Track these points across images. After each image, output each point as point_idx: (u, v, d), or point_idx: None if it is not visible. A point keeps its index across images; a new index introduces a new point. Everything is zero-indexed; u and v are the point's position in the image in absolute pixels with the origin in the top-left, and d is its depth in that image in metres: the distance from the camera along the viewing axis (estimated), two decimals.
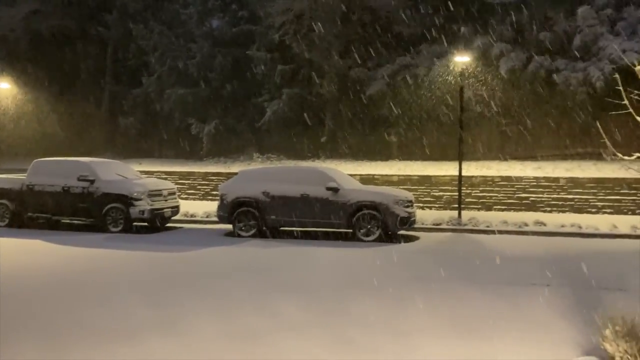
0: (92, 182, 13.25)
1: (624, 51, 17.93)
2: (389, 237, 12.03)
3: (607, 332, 4.05)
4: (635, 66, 3.07)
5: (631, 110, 3.06)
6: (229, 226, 12.98)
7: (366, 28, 22.41)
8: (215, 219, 13.68)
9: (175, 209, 14.24)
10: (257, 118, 23.41)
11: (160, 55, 25.26)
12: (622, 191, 16.03)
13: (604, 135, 3.55)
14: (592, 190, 16.27)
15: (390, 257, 10.06)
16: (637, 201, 15.86)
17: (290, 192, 12.46)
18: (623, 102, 3.12)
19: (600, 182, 16.30)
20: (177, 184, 17.02)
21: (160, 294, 7.27)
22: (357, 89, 22.05)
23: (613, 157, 3.27)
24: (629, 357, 3.81)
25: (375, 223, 11.81)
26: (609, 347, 4.00)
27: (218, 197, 13.43)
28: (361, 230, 11.90)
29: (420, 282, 7.88)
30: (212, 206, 15.24)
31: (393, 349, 5.19)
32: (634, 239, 12.32)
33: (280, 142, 23.31)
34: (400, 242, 11.74)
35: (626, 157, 3.07)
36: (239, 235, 12.56)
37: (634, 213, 15.68)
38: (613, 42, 18.42)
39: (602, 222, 13.87)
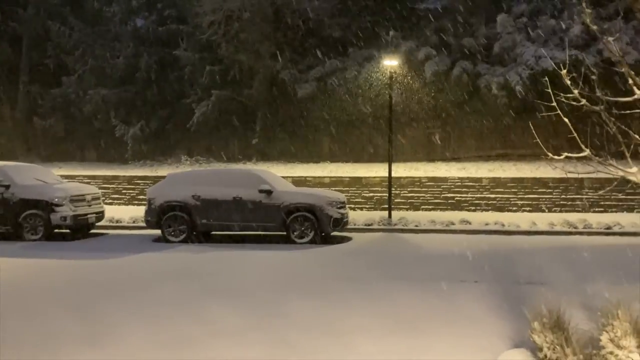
0: (6, 187, 12.41)
1: (539, 57, 19.04)
2: (322, 238, 12.07)
3: (535, 324, 4.24)
4: (561, 69, 3.24)
5: (559, 112, 3.23)
6: (158, 231, 12.57)
7: (296, 30, 22.45)
8: (143, 224, 13.21)
9: (100, 215, 13.63)
10: (185, 120, 22.83)
11: (81, 54, 24.10)
12: (539, 190, 17.01)
13: (536, 137, 3.72)
14: (512, 190, 17.14)
15: (325, 258, 10.12)
16: (553, 199, 16.87)
17: (221, 196, 12.25)
18: (551, 104, 3.28)
19: (519, 182, 17.20)
20: (101, 188, 16.31)
21: (86, 303, 6.90)
22: (288, 91, 22.03)
23: (544, 156, 3.43)
24: (556, 346, 4.00)
25: (309, 225, 11.83)
26: (537, 339, 4.19)
27: (145, 202, 13.00)
28: (295, 233, 11.87)
29: (355, 282, 7.95)
30: (139, 211, 14.74)
31: (332, 349, 5.20)
32: (551, 235, 13.09)
33: (210, 145, 22.88)
34: (333, 244, 11.82)
35: (556, 157, 3.23)
36: (169, 241, 12.19)
37: (550, 210, 16.67)
38: (529, 49, 19.48)
39: (522, 219, 14.61)
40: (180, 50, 22.95)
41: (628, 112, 3.30)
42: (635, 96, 3.07)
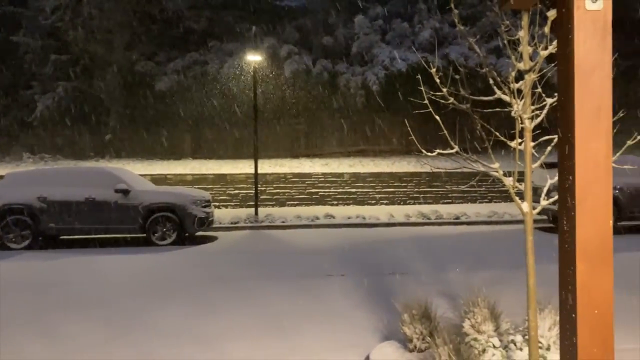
0: None
1: (393, 59, 20.15)
2: (186, 239, 11.61)
3: (405, 316, 4.36)
4: (429, 68, 3.33)
5: (431, 109, 3.32)
6: None
7: (154, 21, 21.35)
8: None
9: None
10: (26, 113, 20.63)
11: None
12: (395, 184, 18.01)
13: (412, 134, 3.80)
14: (371, 184, 17.95)
15: (189, 260, 9.70)
16: (407, 192, 17.96)
17: (72, 196, 11.24)
18: (425, 101, 3.36)
19: (377, 177, 18.07)
20: None
21: None
22: (145, 84, 20.91)
23: (417, 153, 3.53)
24: (425, 337, 4.15)
25: (172, 225, 11.29)
26: (407, 330, 4.32)
27: None
28: (156, 234, 11.26)
29: (222, 283, 7.70)
30: None
31: (201, 357, 4.92)
32: (408, 226, 13.88)
33: (57, 141, 20.94)
34: (198, 244, 11.41)
35: (429, 153, 3.32)
36: (9, 248, 10.95)
37: (405, 203, 17.73)
38: (384, 50, 20.52)
39: (381, 212, 15.34)
40: (19, 35, 20.67)
41: (489, 110, 3.50)
42: (496, 95, 3.24)
